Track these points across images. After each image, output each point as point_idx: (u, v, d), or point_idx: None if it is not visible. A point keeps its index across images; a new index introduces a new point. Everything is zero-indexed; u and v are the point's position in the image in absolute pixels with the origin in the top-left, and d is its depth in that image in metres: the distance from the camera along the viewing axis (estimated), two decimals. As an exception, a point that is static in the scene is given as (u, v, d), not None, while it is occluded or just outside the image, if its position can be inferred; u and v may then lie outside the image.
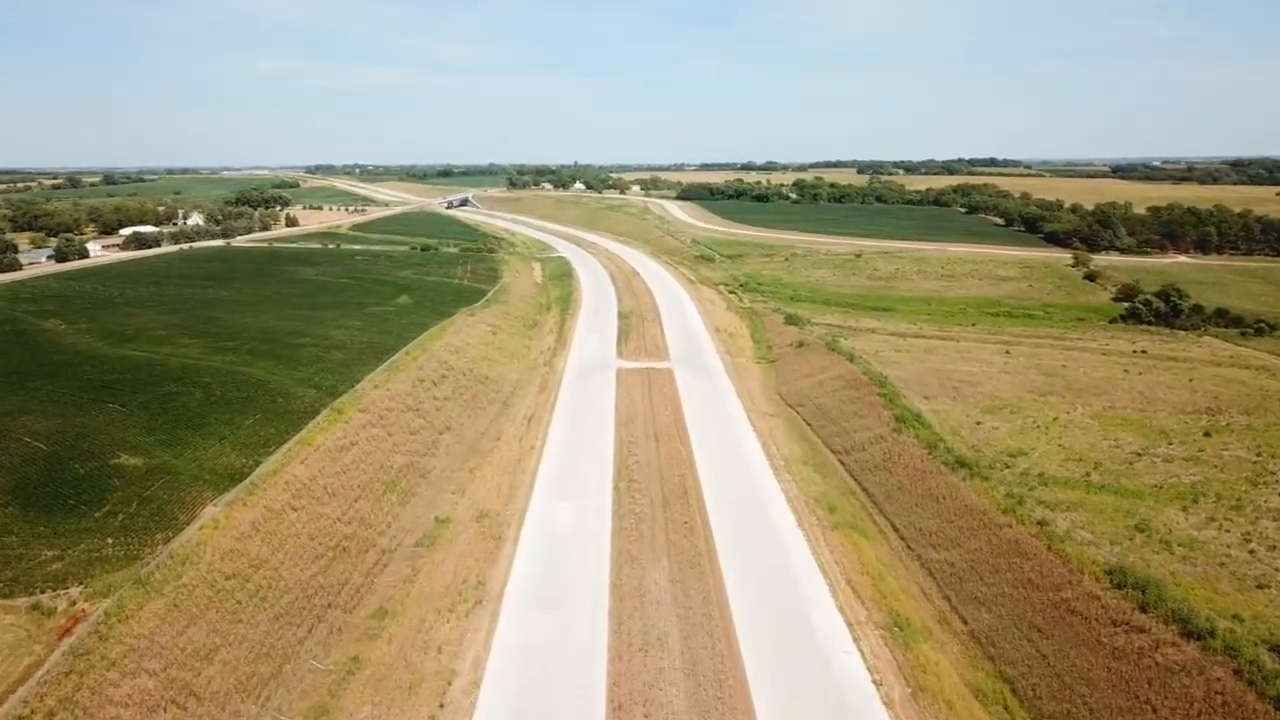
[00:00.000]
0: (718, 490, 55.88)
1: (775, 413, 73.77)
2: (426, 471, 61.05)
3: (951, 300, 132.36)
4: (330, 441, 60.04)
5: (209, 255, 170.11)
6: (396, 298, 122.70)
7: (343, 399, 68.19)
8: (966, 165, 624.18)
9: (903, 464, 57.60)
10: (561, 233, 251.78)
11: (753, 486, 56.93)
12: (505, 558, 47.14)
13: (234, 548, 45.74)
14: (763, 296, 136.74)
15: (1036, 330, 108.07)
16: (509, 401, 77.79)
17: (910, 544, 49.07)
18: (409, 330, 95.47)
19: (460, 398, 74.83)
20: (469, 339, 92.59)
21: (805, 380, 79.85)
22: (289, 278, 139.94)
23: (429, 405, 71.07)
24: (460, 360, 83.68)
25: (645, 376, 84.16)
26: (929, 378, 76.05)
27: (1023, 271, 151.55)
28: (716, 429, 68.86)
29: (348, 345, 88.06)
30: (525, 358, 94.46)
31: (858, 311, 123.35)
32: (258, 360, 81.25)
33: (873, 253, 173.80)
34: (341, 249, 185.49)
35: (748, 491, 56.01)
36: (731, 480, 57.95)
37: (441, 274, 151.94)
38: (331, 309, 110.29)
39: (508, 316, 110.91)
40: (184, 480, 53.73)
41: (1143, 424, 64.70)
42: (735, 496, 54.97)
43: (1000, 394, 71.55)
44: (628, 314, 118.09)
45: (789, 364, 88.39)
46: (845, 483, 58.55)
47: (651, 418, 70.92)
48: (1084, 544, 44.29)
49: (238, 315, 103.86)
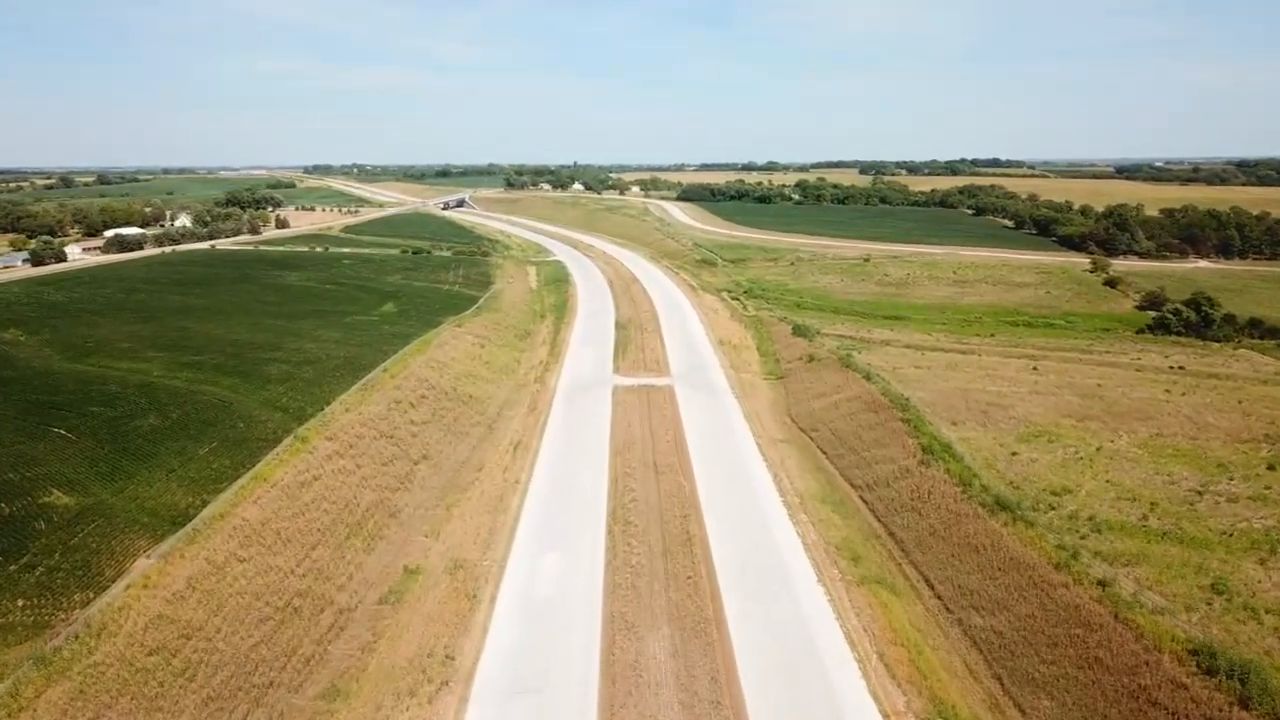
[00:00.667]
0: (725, 535, 49.30)
1: (787, 438, 67.17)
2: (397, 510, 54.48)
3: (966, 308, 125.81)
4: (290, 477, 53.47)
5: (191, 259, 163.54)
6: (381, 305, 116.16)
7: (309, 425, 61.62)
8: (970, 166, 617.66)
9: (934, 504, 51.04)
10: (559, 235, 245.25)
11: (765, 530, 50.36)
12: (479, 624, 40.56)
13: (163, 612, 39.16)
14: (768, 304, 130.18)
15: (1060, 342, 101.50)
16: (495, 424, 71.19)
17: (949, 605, 42.49)
18: (390, 343, 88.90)
19: (440, 421, 68.24)
20: (454, 353, 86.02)
21: (818, 401, 73.25)
22: (270, 283, 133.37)
23: (405, 431, 64.49)
24: (443, 378, 77.10)
25: (644, 395, 77.61)
26: (955, 399, 69.47)
27: (1039, 277, 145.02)
28: (723, 458, 62.30)
29: (322, 360, 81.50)
30: (515, 373, 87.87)
31: (869, 321, 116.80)
32: (223, 377, 74.75)
33: (881, 257, 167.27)
34: (329, 252, 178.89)
35: (759, 537, 49.42)
36: (740, 522, 51.38)
37: (431, 279, 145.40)
38: (310, 318, 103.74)
39: (498, 326, 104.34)
40: (119, 524, 47.17)
41: (1196, 455, 58.15)
42: (745, 544, 48.39)
43: (1034, 419, 64.97)
44: (626, 323, 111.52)
45: (799, 381, 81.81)
46: (869, 525, 51.96)
47: (651, 444, 64.35)
48: (1156, 611, 37.71)
49: (210, 325, 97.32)
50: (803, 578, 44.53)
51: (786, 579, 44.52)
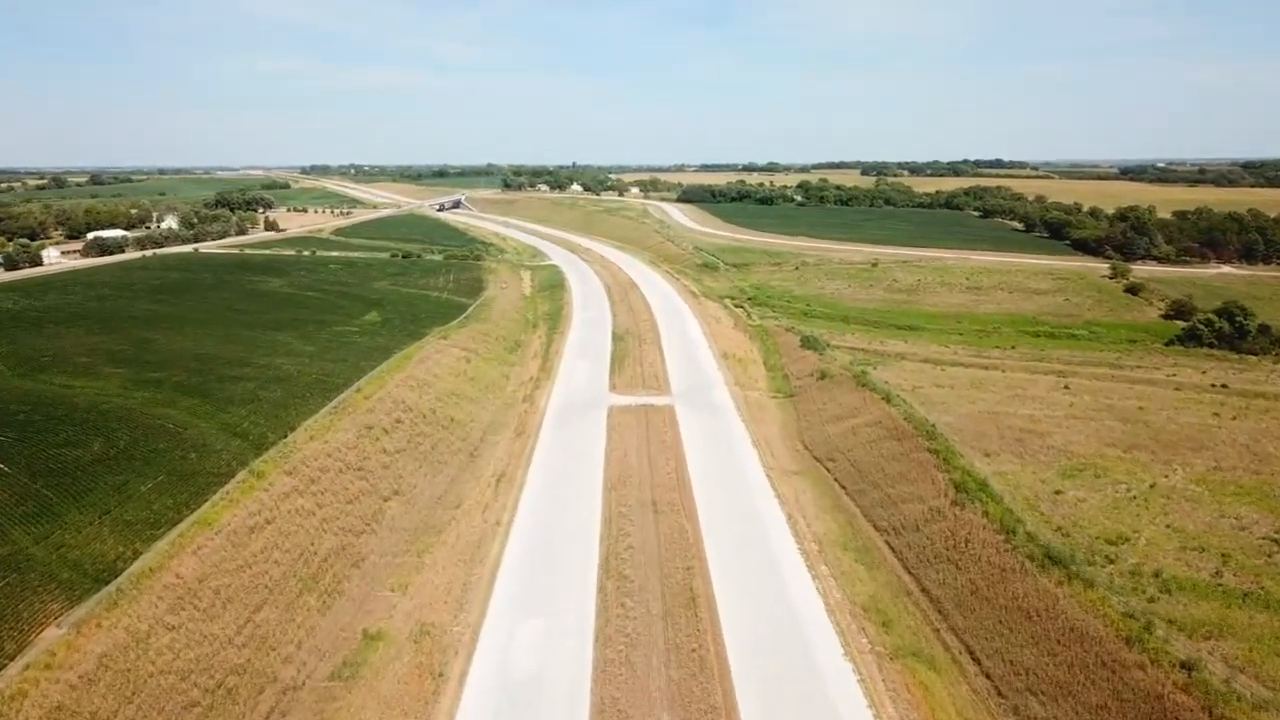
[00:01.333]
0: (735, 593, 42.83)
1: (800, 469, 60.66)
2: (361, 557, 48.00)
3: (983, 317, 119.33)
4: (238, 520, 47.00)
5: (171, 263, 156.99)
6: (364, 314, 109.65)
7: (267, 456, 55.16)
8: (972, 167, 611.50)
9: (972, 554, 44.60)
10: (556, 238, 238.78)
11: (779, 586, 43.89)
12: (444, 712, 34.05)
13: (63, 702, 32.69)
14: (773, 312, 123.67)
15: (1087, 355, 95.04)
16: (477, 451, 64.67)
17: (1001, 687, 36.00)
18: (369, 357, 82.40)
19: (417, 449, 61.73)
20: (437, 369, 79.52)
21: (834, 426, 66.75)
22: (250, 290, 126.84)
23: (375, 462, 57.97)
24: (422, 398, 70.61)
25: (642, 416, 71.16)
26: (984, 424, 63.02)
27: (1056, 284, 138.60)
28: (729, 494, 55.82)
29: (293, 378, 75.01)
30: (502, 391, 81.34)
31: (881, 331, 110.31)
32: (182, 397, 68.26)
33: (890, 261, 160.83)
34: (316, 256, 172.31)
35: (774, 595, 42.95)
36: (752, 576, 44.92)
37: (420, 285, 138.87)
38: (287, 329, 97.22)
39: (487, 338, 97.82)
40: (33, 581, 40.66)
41: (1263, 492, 51.68)
42: (759, 604, 41.91)
43: (1075, 449, 58.50)
44: (623, 334, 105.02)
45: (811, 400, 75.34)
46: (898, 579, 45.47)
47: (649, 477, 57.86)
48: (1258, 706, 31.32)
49: (177, 337, 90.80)
50: (827, 650, 38.04)
51: (807, 650, 38.04)
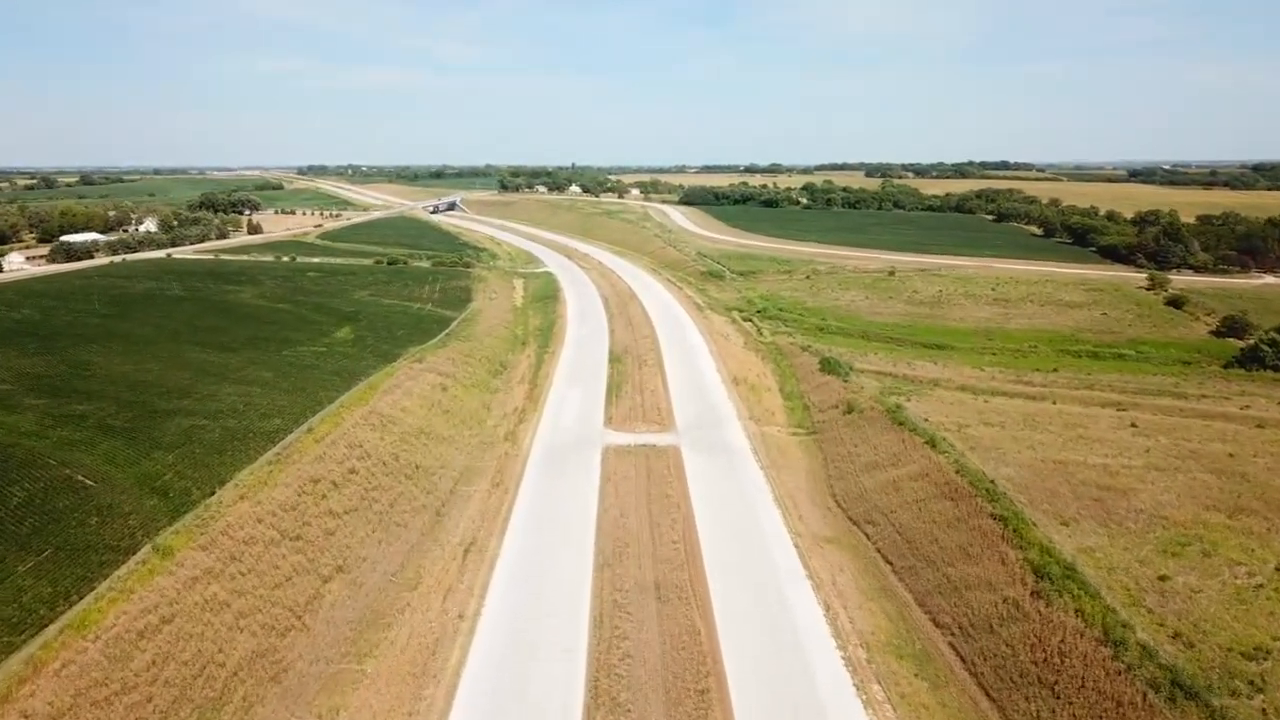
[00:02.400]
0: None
1: (834, 535, 50.25)
2: (284, 668, 37.62)
3: (1015, 333, 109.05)
4: (126, 620, 36.65)
5: (138, 270, 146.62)
6: (336, 331, 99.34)
7: (181, 524, 44.85)
8: (978, 168, 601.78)
9: (1071, 674, 34.24)
10: (552, 242, 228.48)
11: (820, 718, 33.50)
12: None
13: None
14: (785, 326, 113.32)
15: (1141, 381, 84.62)
16: (445, 509, 54.27)
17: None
18: (331, 385, 72.10)
19: (371, 508, 51.32)
20: (407, 400, 69.19)
21: (870, 476, 56.34)
22: (216, 302, 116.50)
23: (318, 527, 47.59)
24: (385, 439, 60.25)
25: (643, 462, 60.81)
26: (1052, 477, 52.64)
27: (1089, 296, 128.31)
28: (751, 572, 45.44)
29: (239, 412, 64.71)
30: (482, 425, 70.91)
31: (906, 350, 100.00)
32: (104, 439, 58.02)
33: (907, 269, 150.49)
34: (296, 263, 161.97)
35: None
36: (784, 700, 34.52)
37: (403, 295, 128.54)
38: (246, 349, 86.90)
39: (469, 359, 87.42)
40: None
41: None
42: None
43: (1169, 512, 48.11)
44: (621, 354, 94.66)
45: (839, 440, 64.96)
46: (974, 707, 35.06)
47: (651, 547, 47.53)
48: None
49: (119, 359, 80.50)
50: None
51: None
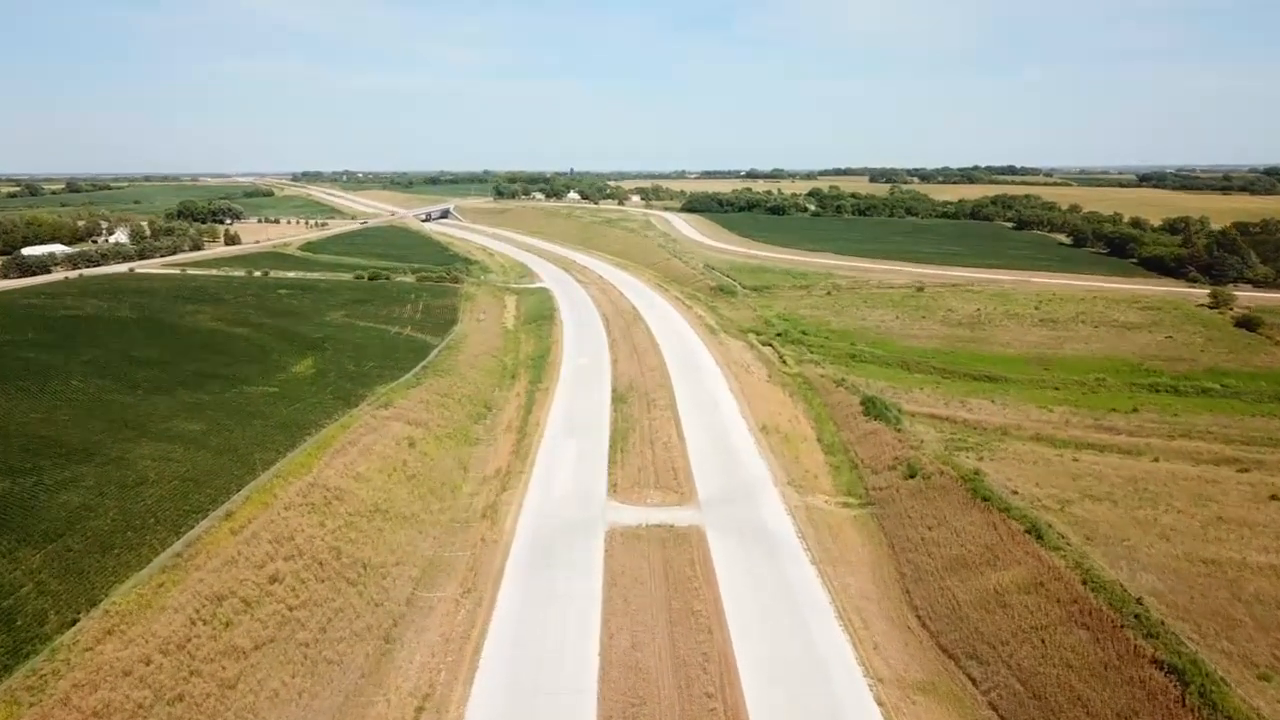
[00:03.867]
0: None
1: (927, 679, 36.64)
2: None
3: (1074, 361, 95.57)
4: None
5: (92, 288, 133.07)
6: (296, 364, 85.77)
7: (13, 681, 31.32)
8: (986, 173, 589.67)
9: None
10: (549, 253, 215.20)
11: None
12: None
13: None
14: (811, 353, 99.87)
15: (1242, 423, 71.04)
16: (396, 632, 40.64)
17: None
18: (272, 442, 58.55)
19: (293, 639, 37.70)
20: (363, 464, 55.65)
21: (959, 581, 42.74)
22: (168, 326, 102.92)
23: (211, 679, 33.96)
24: (325, 527, 46.67)
25: (659, 553, 47.29)
26: (1213, 591, 39.16)
27: (1147, 315, 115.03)
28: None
29: (147, 483, 51.17)
30: (455, 495, 57.25)
31: (955, 383, 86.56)
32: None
33: (936, 284, 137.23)
34: (268, 278, 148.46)
35: None
36: None
37: (381, 317, 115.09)
38: (183, 389, 73.38)
39: (446, 401, 73.91)
40: None
41: None
42: None
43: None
44: (626, 392, 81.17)
45: (905, 519, 51.38)
46: None
47: (676, 702, 33.96)
48: None
49: (26, 406, 66.97)
50: None
51: None
